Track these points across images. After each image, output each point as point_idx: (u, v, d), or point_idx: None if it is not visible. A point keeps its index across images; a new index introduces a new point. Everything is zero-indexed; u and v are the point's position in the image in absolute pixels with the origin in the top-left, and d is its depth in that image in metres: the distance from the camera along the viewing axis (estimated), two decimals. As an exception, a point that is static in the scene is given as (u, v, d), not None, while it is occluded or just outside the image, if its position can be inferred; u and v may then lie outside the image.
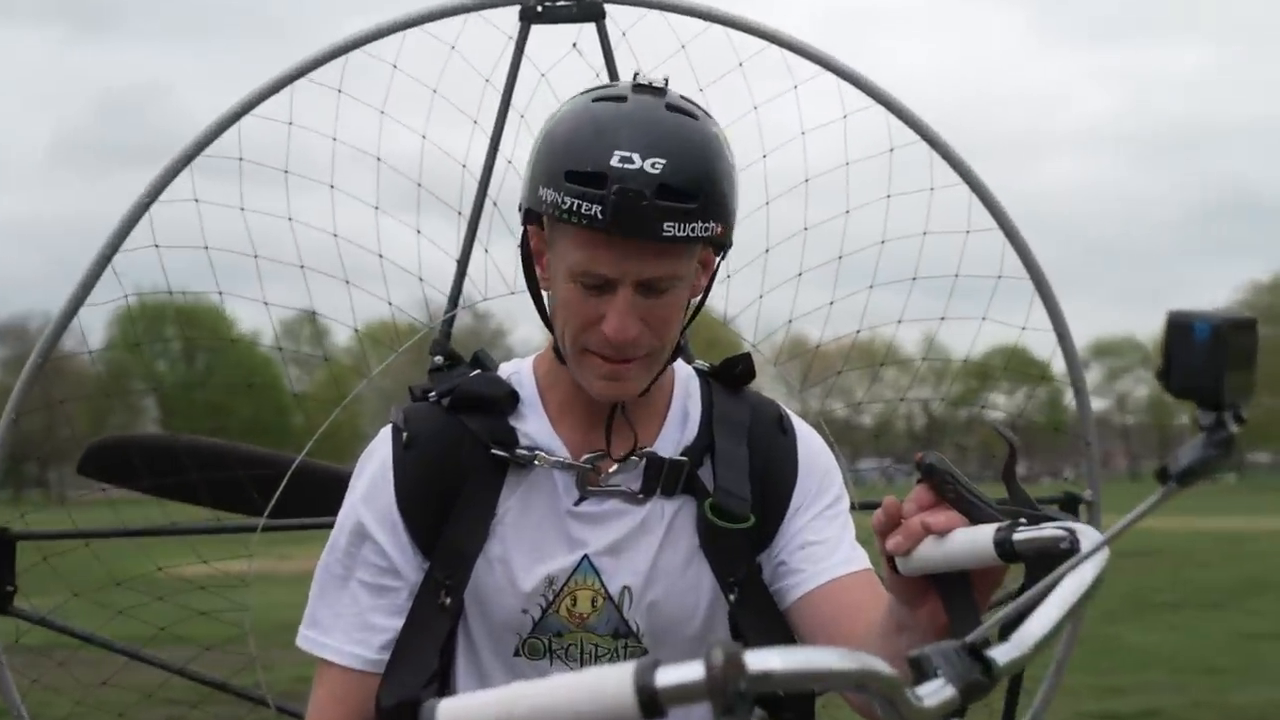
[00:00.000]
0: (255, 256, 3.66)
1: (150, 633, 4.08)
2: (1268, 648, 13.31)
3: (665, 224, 1.88)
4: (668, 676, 1.07)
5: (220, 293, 3.67)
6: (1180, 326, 1.16)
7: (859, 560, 2.16)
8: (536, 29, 3.88)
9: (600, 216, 1.87)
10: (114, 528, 3.88)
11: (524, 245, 2.10)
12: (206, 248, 3.60)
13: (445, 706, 1.17)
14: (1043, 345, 4.30)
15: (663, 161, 1.89)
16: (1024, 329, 4.15)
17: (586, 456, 2.11)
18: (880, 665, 1.15)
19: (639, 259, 1.92)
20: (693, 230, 1.91)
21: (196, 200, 3.49)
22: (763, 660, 1.08)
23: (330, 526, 2.41)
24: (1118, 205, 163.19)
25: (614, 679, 1.10)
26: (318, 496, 3.67)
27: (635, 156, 1.88)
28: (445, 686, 2.10)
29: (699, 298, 2.14)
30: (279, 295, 3.84)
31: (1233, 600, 17.45)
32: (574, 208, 1.88)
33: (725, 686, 1.05)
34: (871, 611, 1.98)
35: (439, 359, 3.59)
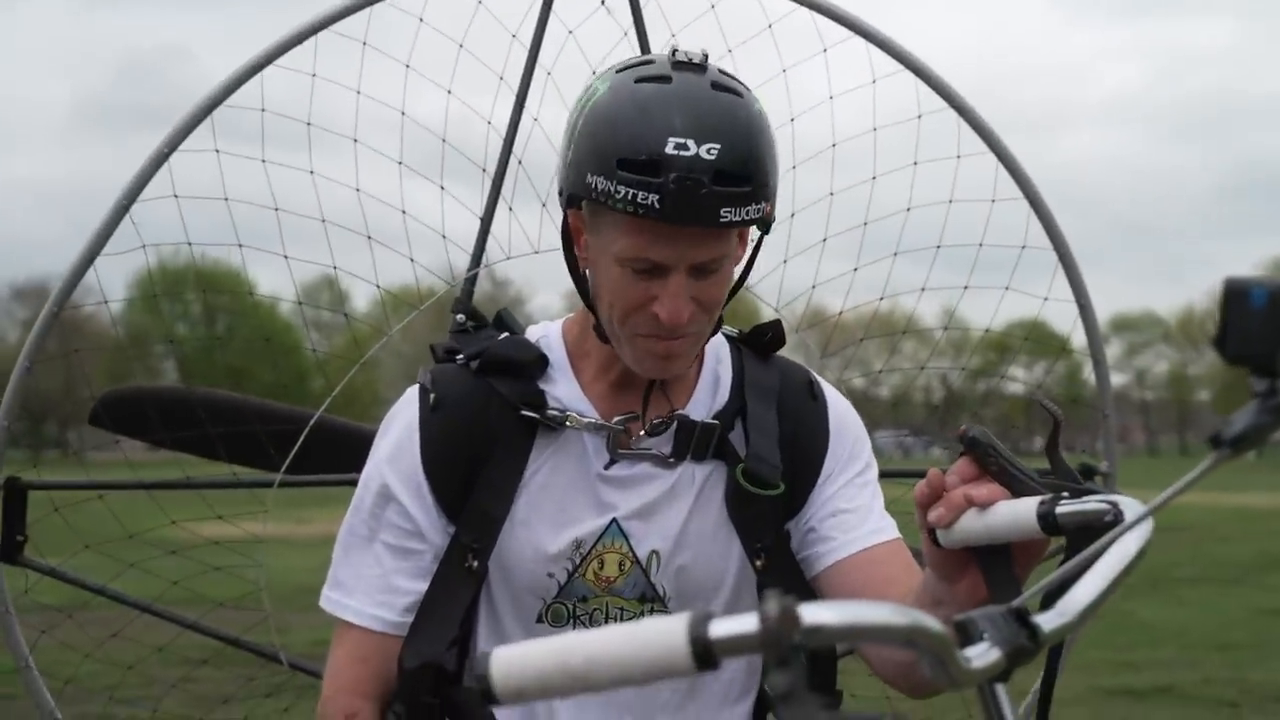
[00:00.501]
0: (276, 210, 3.61)
1: (164, 588, 4.06)
2: (1284, 624, 13.26)
3: (723, 210, 1.87)
4: (722, 628, 1.07)
5: (240, 245, 3.62)
6: (1238, 292, 1.15)
7: (889, 530, 2.16)
8: (564, -15, 3.84)
9: (658, 206, 1.85)
10: (127, 480, 3.85)
11: (564, 225, 2.08)
12: (226, 199, 3.55)
13: (500, 654, 1.16)
14: (1061, 319, 4.29)
15: (717, 147, 1.87)
16: (1046, 299, 4.14)
17: (618, 418, 2.10)
18: (932, 622, 1.15)
19: (694, 245, 1.91)
20: (747, 214, 1.90)
21: (218, 151, 3.44)
22: (816, 613, 1.08)
23: (349, 484, 2.39)
24: (1141, 180, 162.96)
25: (668, 629, 1.10)
26: (336, 453, 3.66)
27: (690, 143, 1.86)
28: (465, 652, 2.09)
29: (740, 267, 2.12)
30: (299, 256, 3.81)
31: (1250, 576, 17.42)
32: (630, 197, 1.86)
33: (780, 639, 1.05)
34: (903, 583, 2.00)
35: (462, 318, 3.60)
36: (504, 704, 1.17)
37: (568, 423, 2.07)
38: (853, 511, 2.15)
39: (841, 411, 2.26)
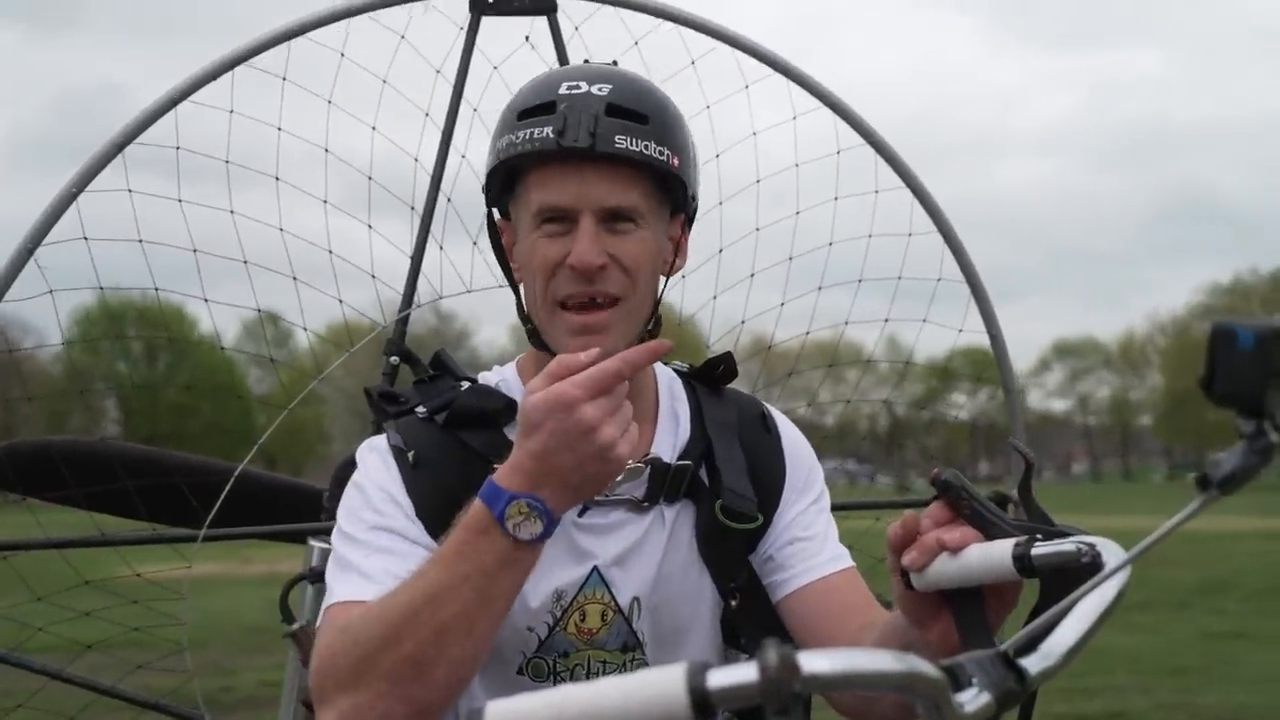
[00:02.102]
0: (195, 251, 3.50)
1: (77, 650, 3.86)
2: (1233, 647, 13.32)
3: (616, 137, 1.91)
4: (720, 678, 1.07)
5: (156, 289, 3.50)
6: (1225, 334, 1.17)
7: (845, 558, 2.16)
8: (488, 21, 3.78)
9: (551, 135, 1.91)
10: (35, 539, 3.65)
11: (495, 242, 2.11)
12: (141, 241, 3.42)
13: (495, 708, 1.16)
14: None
15: (609, 85, 1.97)
16: (960, 331, 4.21)
17: None
18: (928, 668, 1.16)
19: (597, 183, 1.93)
20: (646, 147, 1.94)
21: (130, 190, 3.33)
22: (815, 662, 1.08)
23: (273, 537, 2.27)
24: (1075, 207, 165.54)
25: (666, 680, 1.10)
26: (259, 507, 3.53)
27: (582, 83, 1.96)
28: None
29: (669, 272, 2.12)
30: (233, 294, 3.71)
31: (1198, 600, 17.49)
32: (526, 136, 1.93)
33: (780, 688, 1.05)
34: (862, 611, 2.02)
35: (396, 360, 3.48)
36: None
37: None
38: (810, 539, 2.16)
39: (795, 441, 2.27)
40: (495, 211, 2.12)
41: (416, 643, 1.71)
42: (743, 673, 1.06)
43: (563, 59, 3.88)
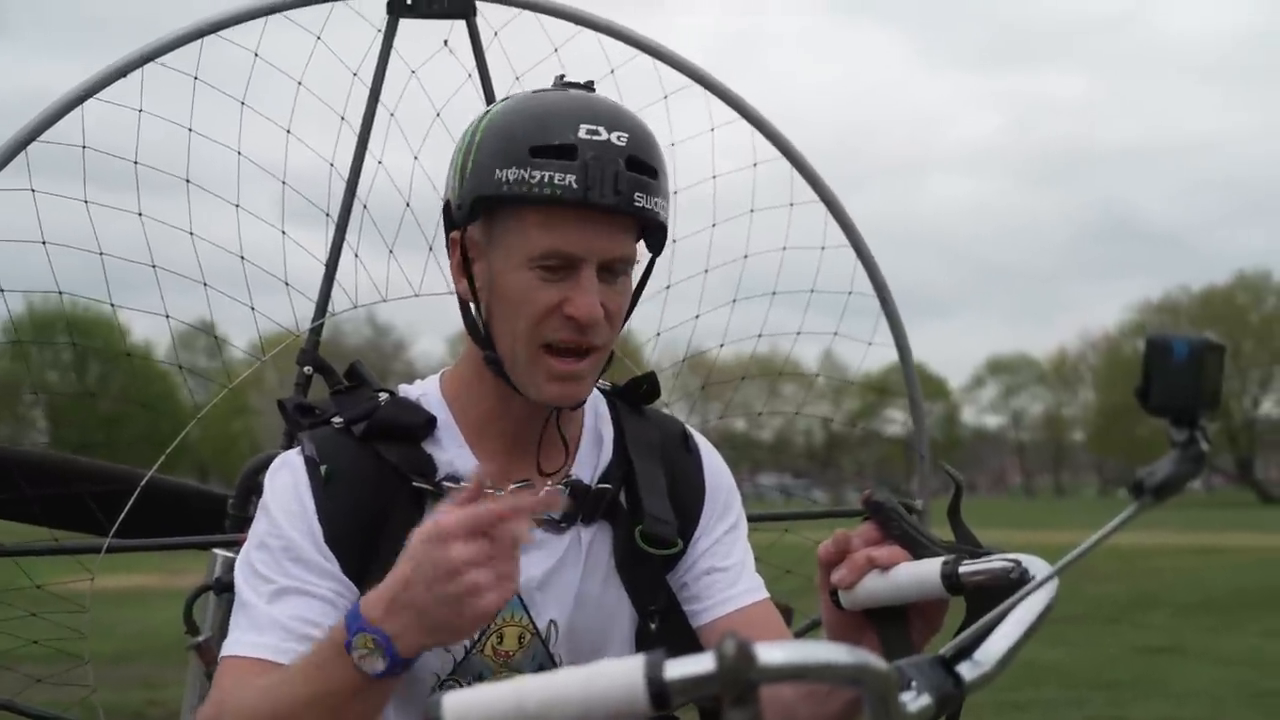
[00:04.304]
0: (101, 254, 3.41)
1: None
2: (1164, 662, 13.43)
3: (636, 194, 1.88)
4: (678, 669, 1.11)
5: (60, 293, 3.41)
6: (1160, 346, 1.21)
7: (760, 589, 2.15)
8: (405, 24, 3.71)
9: (575, 186, 1.86)
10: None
11: (463, 254, 2.00)
12: (44, 243, 3.33)
13: (452, 701, 1.16)
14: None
15: (627, 135, 1.91)
16: (870, 344, 4.22)
17: (513, 487, 2.00)
18: (878, 662, 1.19)
19: (608, 235, 1.90)
20: (655, 204, 1.92)
21: (33, 190, 3.24)
22: (770, 652, 1.11)
23: (183, 547, 2.17)
24: (1003, 225, 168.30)
25: (624, 671, 1.13)
26: (169, 515, 3.44)
27: (601, 129, 1.89)
28: None
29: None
30: (156, 304, 3.61)
31: (1129, 615, 17.66)
32: (547, 179, 1.87)
33: (738, 676, 1.08)
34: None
35: (309, 370, 3.41)
36: None
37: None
38: (725, 570, 2.13)
39: (715, 464, 2.23)
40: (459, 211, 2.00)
41: None
42: (700, 663, 1.10)
43: (481, 64, 3.82)
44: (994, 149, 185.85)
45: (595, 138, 1.88)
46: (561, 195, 1.85)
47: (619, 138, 1.89)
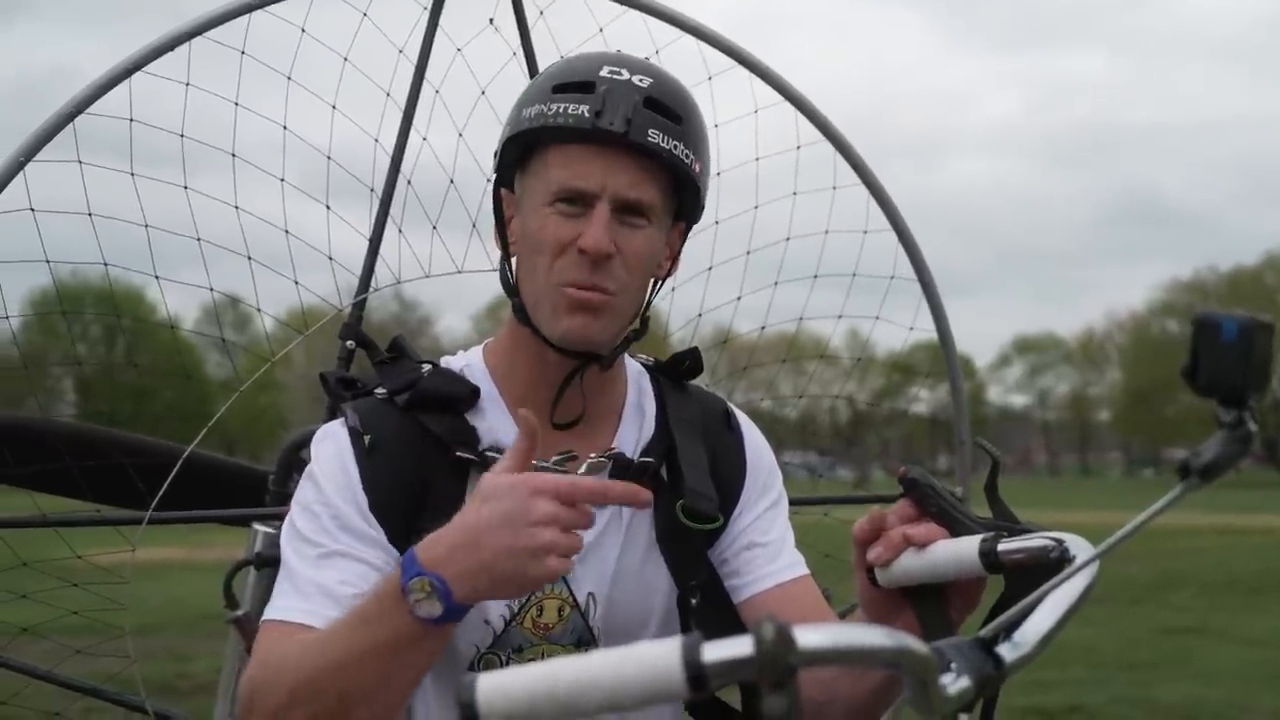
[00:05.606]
0: (146, 226, 3.41)
1: (11, 634, 3.71)
2: (1189, 642, 13.42)
3: (650, 130, 1.90)
4: (716, 652, 1.09)
5: (105, 265, 3.40)
6: (1209, 326, 1.20)
7: (801, 565, 2.14)
8: (451, 2, 3.71)
9: (587, 115, 1.89)
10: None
11: (496, 206, 2.08)
12: (90, 215, 3.33)
13: (486, 680, 1.15)
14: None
15: (650, 79, 1.96)
16: (911, 329, 4.19)
17: (556, 458, 1.99)
18: (918, 645, 1.18)
19: (622, 171, 1.92)
20: (675, 147, 1.93)
21: (80, 162, 3.23)
22: (809, 636, 1.10)
23: (222, 520, 2.19)
24: (1025, 206, 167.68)
25: (660, 654, 1.12)
26: (208, 490, 3.45)
27: (624, 71, 1.95)
28: None
29: (664, 276, 2.12)
30: (191, 278, 3.62)
31: (1153, 595, 17.64)
32: (562, 110, 1.91)
33: (777, 660, 1.06)
34: (817, 619, 1.94)
35: (352, 344, 3.41)
36: None
37: None
38: (766, 545, 2.12)
39: (756, 442, 2.23)
40: (498, 164, 2.07)
41: (323, 705, 1.69)
42: (738, 646, 1.08)
43: (526, 43, 3.83)
44: (1014, 129, 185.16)
45: (616, 76, 1.93)
46: (574, 123, 1.90)
47: (640, 79, 1.94)
